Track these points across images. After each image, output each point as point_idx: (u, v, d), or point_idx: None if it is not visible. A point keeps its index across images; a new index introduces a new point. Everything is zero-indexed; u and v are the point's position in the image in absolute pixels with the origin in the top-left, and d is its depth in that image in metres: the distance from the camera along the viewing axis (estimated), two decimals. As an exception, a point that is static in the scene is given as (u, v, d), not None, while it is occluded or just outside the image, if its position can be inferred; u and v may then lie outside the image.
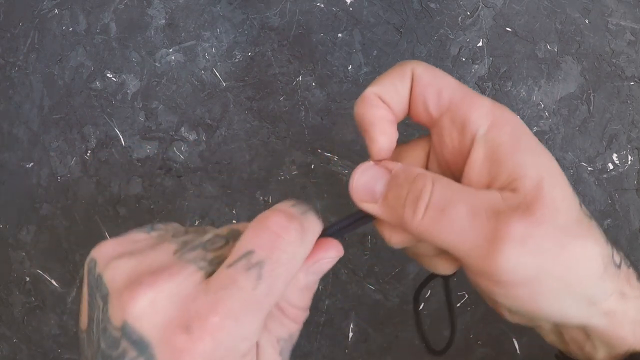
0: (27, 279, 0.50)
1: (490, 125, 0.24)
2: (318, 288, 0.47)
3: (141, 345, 0.21)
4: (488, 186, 0.24)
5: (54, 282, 0.49)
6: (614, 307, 0.24)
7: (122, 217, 0.49)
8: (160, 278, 0.21)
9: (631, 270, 0.25)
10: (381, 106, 0.25)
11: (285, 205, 0.24)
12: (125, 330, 0.21)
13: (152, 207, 0.49)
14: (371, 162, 0.25)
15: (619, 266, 0.24)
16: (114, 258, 0.23)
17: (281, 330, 0.24)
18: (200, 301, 0.21)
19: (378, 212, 0.25)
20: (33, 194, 0.50)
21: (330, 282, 0.47)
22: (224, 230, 0.25)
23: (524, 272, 0.22)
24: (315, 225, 0.24)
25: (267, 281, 0.21)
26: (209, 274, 0.22)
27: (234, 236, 0.24)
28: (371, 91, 0.26)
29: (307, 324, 0.47)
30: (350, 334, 0.47)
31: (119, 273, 0.22)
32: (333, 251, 0.25)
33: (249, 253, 0.22)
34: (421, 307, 0.47)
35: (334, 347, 0.47)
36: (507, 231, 0.22)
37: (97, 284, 0.22)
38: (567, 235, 0.22)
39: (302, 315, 0.25)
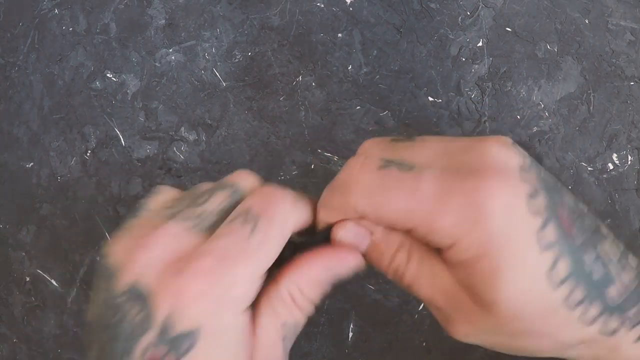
0: (27, 279, 0.50)
1: (450, 247, 0.23)
2: (318, 288, 0.47)
3: (140, 299, 0.22)
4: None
5: (54, 282, 0.49)
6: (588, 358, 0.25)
7: (122, 217, 0.49)
8: (154, 236, 0.23)
9: (631, 334, 0.24)
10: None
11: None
12: (127, 292, 0.22)
13: (152, 207, 0.49)
14: (351, 223, 0.26)
15: (611, 333, 0.23)
16: (114, 244, 0.24)
17: (288, 316, 0.25)
18: (197, 249, 0.23)
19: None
20: (33, 194, 0.50)
21: (330, 282, 0.47)
22: (214, 184, 0.26)
23: (479, 344, 0.25)
24: (306, 207, 0.26)
25: (261, 233, 0.23)
26: (204, 229, 0.24)
27: (222, 186, 0.26)
28: (323, 216, 0.27)
29: (307, 323, 0.47)
30: (350, 334, 0.47)
31: (118, 248, 0.24)
32: (353, 260, 0.26)
33: (248, 210, 0.24)
34: (421, 307, 0.47)
35: (334, 347, 0.47)
36: (457, 319, 0.25)
37: (101, 269, 0.24)
38: (518, 339, 0.24)
39: (310, 308, 0.25)
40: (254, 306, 0.24)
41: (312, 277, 0.25)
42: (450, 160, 0.24)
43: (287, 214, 0.24)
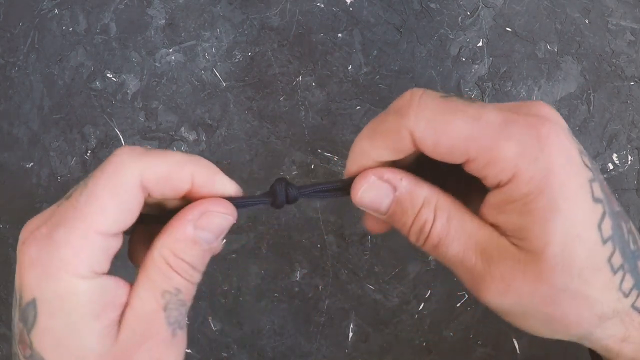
0: (27, 279, 0.50)
1: (509, 181, 0.22)
2: (318, 288, 0.47)
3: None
4: (493, 225, 0.24)
5: (54, 282, 0.49)
6: (610, 347, 0.24)
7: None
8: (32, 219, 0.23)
9: None
10: (371, 163, 0.25)
11: None
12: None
13: (152, 207, 0.49)
14: (374, 177, 0.24)
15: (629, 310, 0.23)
16: None
17: (166, 283, 0.23)
18: (40, 223, 0.22)
19: (383, 221, 0.25)
20: (33, 194, 0.50)
21: (330, 282, 0.47)
22: None
23: (507, 310, 0.23)
24: (174, 155, 0.24)
25: (90, 188, 0.22)
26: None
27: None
28: (361, 150, 0.25)
29: (307, 324, 0.48)
30: (350, 334, 0.47)
31: None
32: (220, 207, 0.24)
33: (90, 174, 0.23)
34: (421, 307, 0.47)
35: (334, 347, 0.47)
36: (492, 276, 0.23)
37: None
38: (559, 296, 0.22)
39: (192, 272, 0.24)
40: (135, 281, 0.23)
41: (181, 236, 0.23)
42: (509, 107, 0.23)
43: (119, 164, 0.22)
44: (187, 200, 0.25)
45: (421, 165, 0.26)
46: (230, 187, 0.25)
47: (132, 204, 0.23)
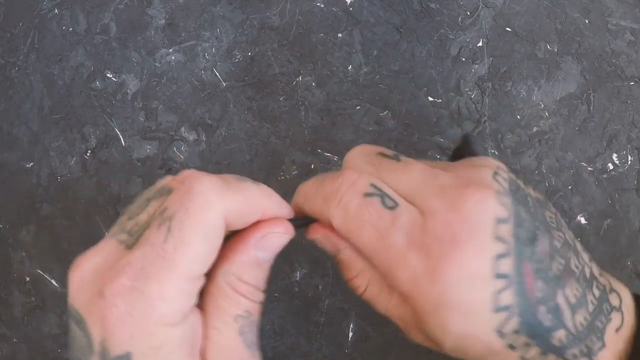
0: (27, 279, 0.50)
1: (405, 297, 0.25)
2: (318, 288, 0.47)
3: (79, 322, 0.21)
4: None
5: (54, 282, 0.49)
6: None
7: (122, 217, 0.49)
8: (87, 255, 0.22)
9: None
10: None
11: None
12: (70, 313, 0.21)
13: (152, 207, 0.49)
14: (322, 237, 0.28)
15: None
16: None
17: (236, 308, 0.23)
18: (115, 266, 0.21)
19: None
20: (33, 194, 0.50)
21: (330, 282, 0.47)
22: (156, 189, 0.24)
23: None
24: (238, 189, 0.23)
25: (177, 233, 0.21)
26: (133, 242, 0.22)
27: (160, 192, 0.24)
28: (297, 203, 0.28)
29: (307, 324, 0.48)
30: (350, 334, 0.47)
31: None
32: (279, 227, 0.25)
33: (163, 210, 0.22)
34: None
35: (334, 347, 0.47)
36: (410, 335, 0.28)
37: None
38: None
39: (256, 293, 0.24)
40: (202, 308, 0.23)
41: (245, 260, 0.24)
42: (427, 201, 0.24)
43: (206, 204, 0.21)
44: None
45: None
46: (287, 211, 0.26)
47: (218, 243, 0.22)
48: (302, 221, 0.28)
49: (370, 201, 0.25)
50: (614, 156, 0.48)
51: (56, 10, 0.51)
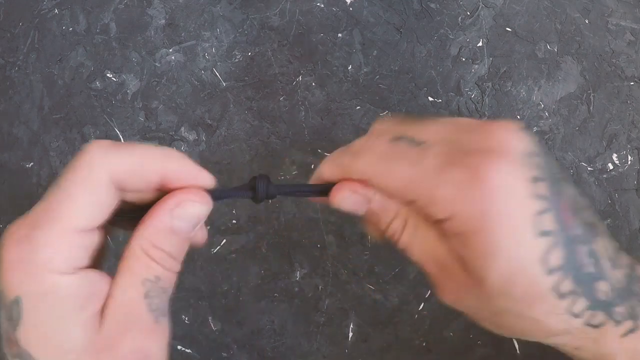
0: (27, 279, 0.50)
1: (448, 219, 0.24)
2: (318, 288, 0.47)
3: None
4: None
5: (54, 282, 0.49)
6: (566, 351, 0.25)
7: (122, 217, 0.49)
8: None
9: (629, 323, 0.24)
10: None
11: None
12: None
13: (152, 207, 0.49)
14: (348, 192, 0.27)
15: (597, 326, 0.24)
16: None
17: (145, 272, 0.24)
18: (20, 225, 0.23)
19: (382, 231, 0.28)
20: (33, 194, 0.50)
21: (330, 282, 0.47)
22: None
23: (464, 311, 0.25)
24: (142, 149, 0.24)
25: (62, 186, 0.23)
26: None
27: None
28: (321, 170, 0.28)
29: (307, 324, 0.48)
30: (350, 334, 0.47)
31: None
32: (194, 196, 0.25)
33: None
34: (421, 307, 0.47)
35: (334, 347, 0.47)
36: (444, 287, 0.25)
37: None
38: (503, 315, 0.24)
39: (170, 261, 0.24)
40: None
41: (159, 225, 0.24)
42: (458, 137, 0.24)
43: (89, 161, 0.23)
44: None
45: None
46: (205, 179, 0.26)
47: (104, 200, 0.23)
48: (321, 187, 0.28)
49: (397, 144, 0.25)
50: (614, 156, 0.48)
51: (56, 10, 0.51)
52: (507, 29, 0.49)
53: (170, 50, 0.50)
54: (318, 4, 0.49)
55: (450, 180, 0.23)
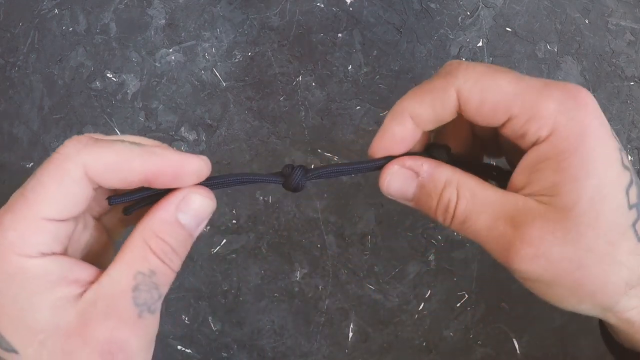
0: (27, 279, 0.50)
1: (548, 136, 0.24)
2: (318, 288, 0.47)
3: None
4: (523, 188, 0.25)
5: (54, 282, 0.49)
6: (633, 319, 0.24)
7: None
8: None
9: None
10: (407, 126, 0.26)
11: None
12: None
13: (152, 207, 0.49)
14: (397, 167, 0.26)
15: None
16: None
17: (140, 264, 0.23)
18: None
19: (412, 206, 0.27)
20: (33, 194, 0.50)
21: (330, 282, 0.47)
22: None
23: (536, 277, 0.23)
24: (121, 145, 0.25)
25: (36, 176, 0.23)
26: None
27: None
28: (403, 108, 0.26)
29: (307, 324, 0.48)
30: (350, 334, 0.47)
31: None
32: (199, 189, 0.25)
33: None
34: (421, 307, 0.47)
35: (334, 347, 0.47)
36: (522, 240, 0.23)
37: None
38: (587, 257, 0.23)
39: (171, 256, 0.24)
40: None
41: (165, 217, 0.24)
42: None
43: (64, 155, 0.24)
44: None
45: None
46: (192, 165, 0.25)
47: (77, 193, 0.24)
48: (378, 162, 0.27)
49: (495, 65, 0.26)
50: (614, 156, 0.48)
51: (56, 10, 0.51)
52: (507, 29, 0.49)
53: (170, 50, 0.50)
54: (318, 4, 0.49)
55: (554, 96, 0.24)
